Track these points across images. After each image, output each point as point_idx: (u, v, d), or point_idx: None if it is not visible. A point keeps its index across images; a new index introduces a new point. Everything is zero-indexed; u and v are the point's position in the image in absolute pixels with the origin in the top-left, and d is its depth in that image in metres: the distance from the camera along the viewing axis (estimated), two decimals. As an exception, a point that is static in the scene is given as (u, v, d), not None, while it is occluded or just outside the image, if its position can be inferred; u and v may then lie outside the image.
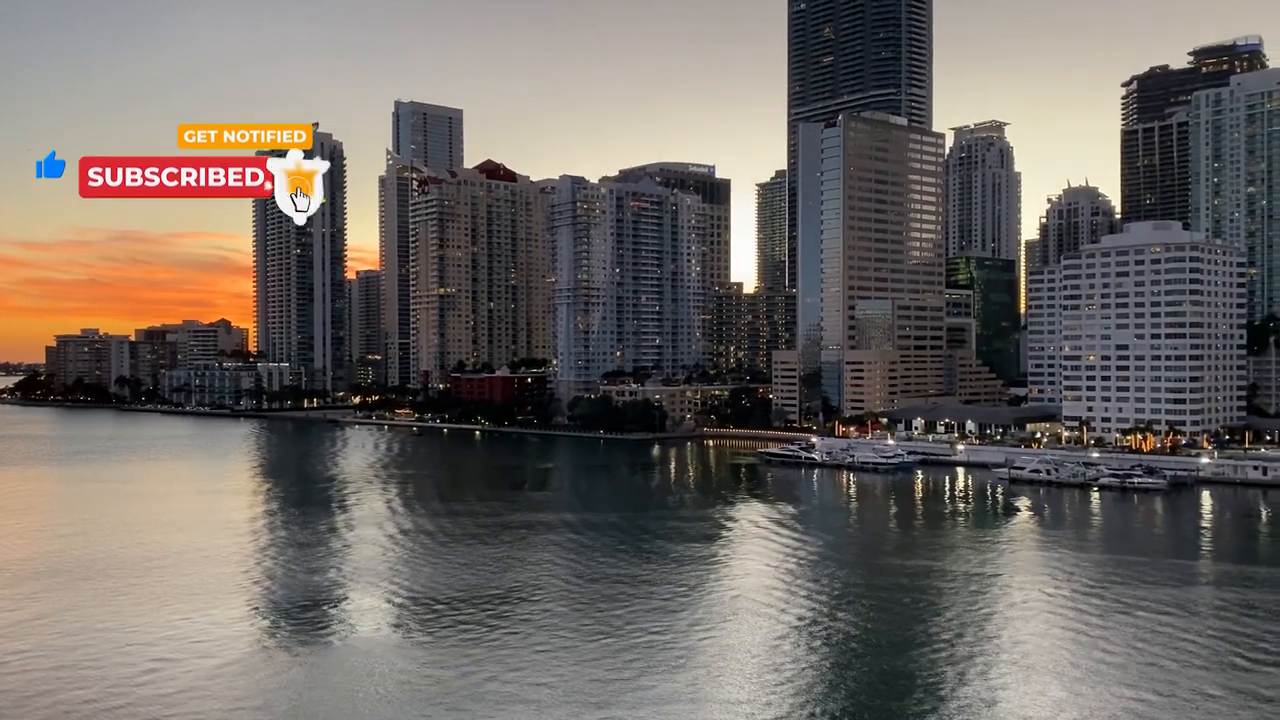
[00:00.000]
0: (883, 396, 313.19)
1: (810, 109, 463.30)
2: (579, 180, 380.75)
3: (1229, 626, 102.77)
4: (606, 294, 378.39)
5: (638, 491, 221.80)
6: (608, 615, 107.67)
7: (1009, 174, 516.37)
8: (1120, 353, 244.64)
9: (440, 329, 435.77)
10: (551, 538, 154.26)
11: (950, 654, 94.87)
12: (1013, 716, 79.29)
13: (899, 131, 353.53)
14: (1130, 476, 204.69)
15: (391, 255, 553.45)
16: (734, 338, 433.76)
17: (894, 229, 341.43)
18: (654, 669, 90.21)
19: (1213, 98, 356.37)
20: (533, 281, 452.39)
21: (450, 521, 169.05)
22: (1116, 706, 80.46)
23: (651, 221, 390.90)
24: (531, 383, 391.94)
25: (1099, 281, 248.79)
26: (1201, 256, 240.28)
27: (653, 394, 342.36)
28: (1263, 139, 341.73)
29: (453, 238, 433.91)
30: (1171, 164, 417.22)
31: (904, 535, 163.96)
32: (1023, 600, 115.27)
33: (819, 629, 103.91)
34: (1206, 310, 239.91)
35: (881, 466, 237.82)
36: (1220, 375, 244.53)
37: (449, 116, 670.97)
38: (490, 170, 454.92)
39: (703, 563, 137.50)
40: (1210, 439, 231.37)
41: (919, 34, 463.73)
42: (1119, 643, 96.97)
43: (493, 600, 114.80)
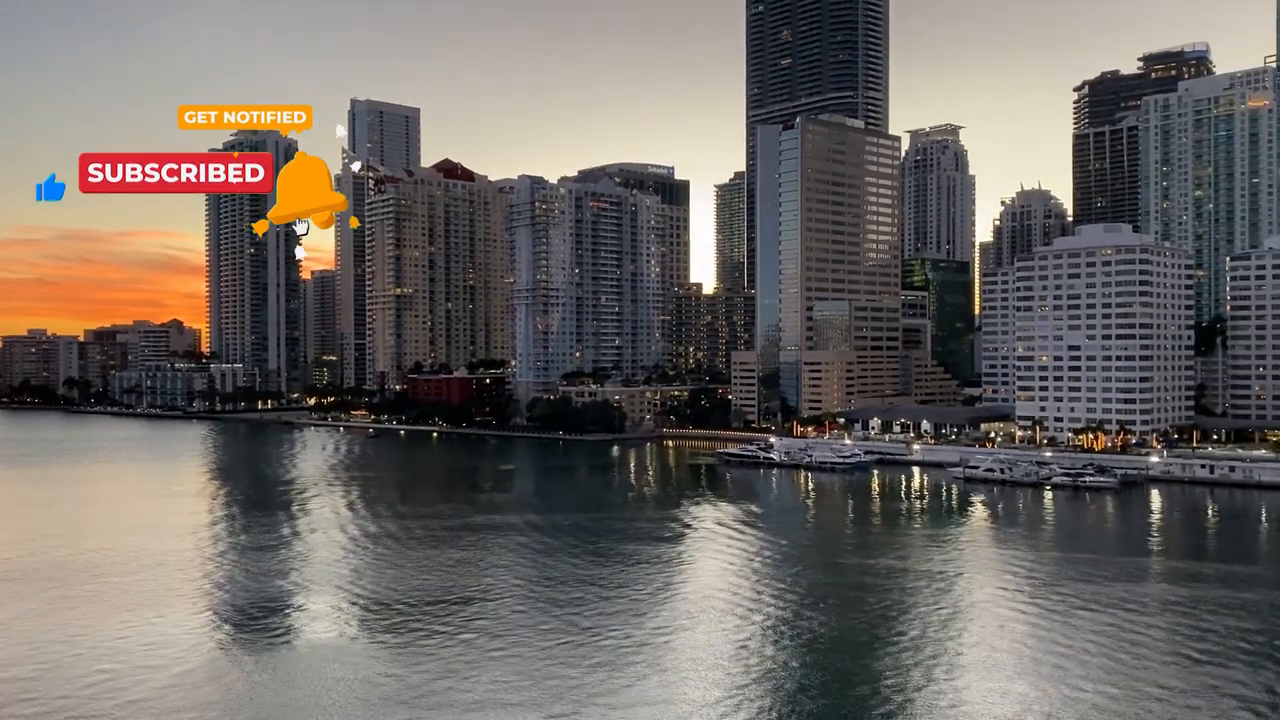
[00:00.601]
0: (840, 397, 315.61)
1: (768, 111, 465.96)
2: (538, 180, 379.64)
3: (1179, 621, 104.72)
4: (565, 294, 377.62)
5: (597, 492, 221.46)
6: (568, 617, 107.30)
7: (963, 177, 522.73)
8: (1072, 353, 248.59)
9: (397, 329, 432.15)
10: (511, 539, 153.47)
11: (910, 653, 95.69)
12: (973, 714, 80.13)
13: (856, 134, 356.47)
14: (1082, 475, 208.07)
15: (347, 255, 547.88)
16: (693, 338, 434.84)
17: (851, 231, 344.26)
18: (615, 671, 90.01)
19: (1161, 103, 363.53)
20: (491, 282, 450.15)
21: (408, 524, 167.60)
22: (1072, 703, 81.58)
23: (611, 222, 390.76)
24: (490, 384, 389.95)
25: (1051, 283, 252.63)
26: (1151, 259, 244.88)
27: (612, 395, 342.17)
28: (1209, 144, 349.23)
29: (409, 237, 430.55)
30: (1122, 168, 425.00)
31: (861, 535, 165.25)
32: (979, 598, 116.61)
33: (779, 629, 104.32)
34: (1156, 312, 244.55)
35: (839, 466, 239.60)
36: (1169, 376, 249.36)
37: (406, 115, 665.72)
38: (448, 169, 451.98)
39: (662, 564, 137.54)
40: (1160, 438, 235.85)
41: (875, 37, 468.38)
42: (1073, 639, 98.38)
43: (452, 603, 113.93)
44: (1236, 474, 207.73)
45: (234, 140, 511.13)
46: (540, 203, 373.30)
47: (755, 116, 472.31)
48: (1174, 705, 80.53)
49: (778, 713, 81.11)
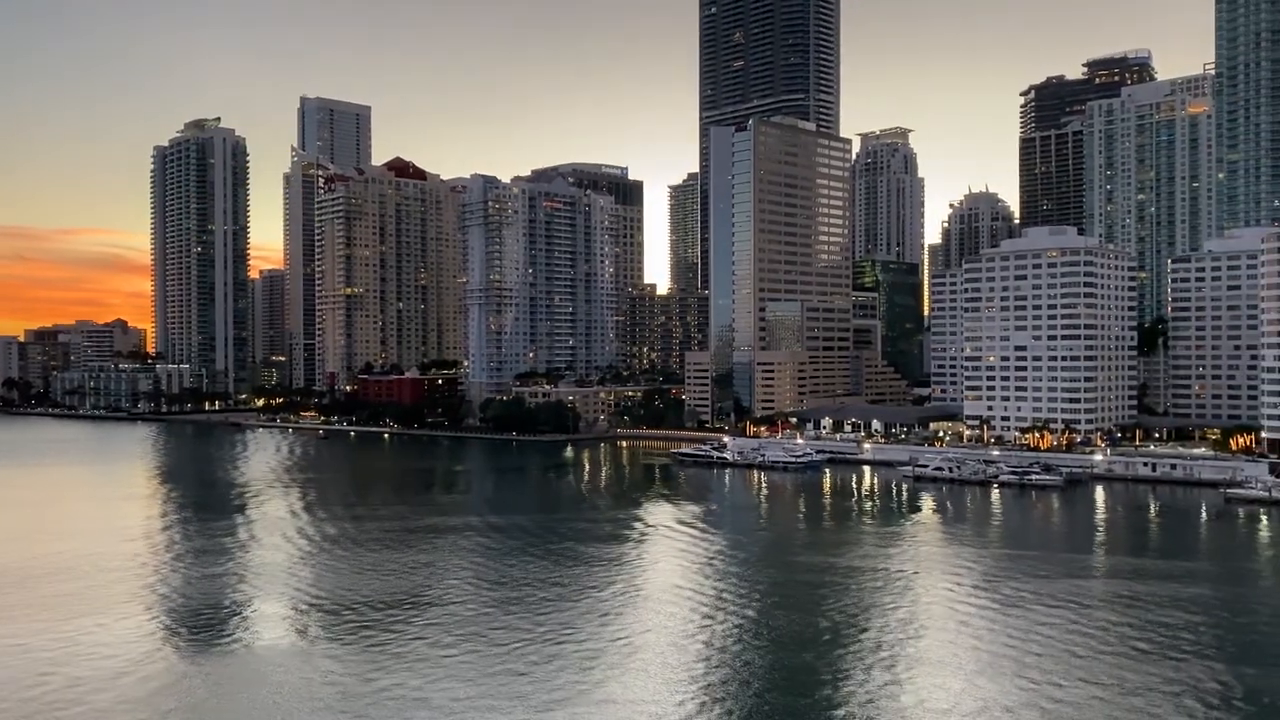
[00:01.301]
0: (792, 397, 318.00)
1: (721, 112, 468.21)
2: (490, 179, 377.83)
3: (1125, 616, 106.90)
4: (519, 294, 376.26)
5: (550, 493, 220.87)
6: (522, 619, 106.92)
7: (913, 179, 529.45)
8: (1019, 353, 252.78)
9: (347, 329, 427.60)
10: (462, 541, 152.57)
11: (859, 649, 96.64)
12: (920, 709, 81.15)
13: (807, 136, 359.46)
14: (1028, 474, 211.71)
15: (296, 254, 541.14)
16: (647, 339, 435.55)
17: (803, 232, 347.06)
18: (572, 672, 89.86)
19: (1105, 108, 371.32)
20: (443, 282, 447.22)
21: (357, 526, 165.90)
22: (1017, 697, 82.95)
23: (564, 222, 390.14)
24: (442, 384, 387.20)
25: (998, 284, 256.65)
26: (1095, 261, 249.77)
27: (566, 395, 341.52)
28: (1151, 148, 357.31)
29: (360, 236, 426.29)
30: (1067, 171, 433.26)
31: (814, 533, 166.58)
32: (932, 595, 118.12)
33: (731, 627, 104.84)
34: (1100, 313, 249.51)
35: (791, 465, 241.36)
36: (1113, 375, 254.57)
37: (356, 113, 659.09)
38: (399, 168, 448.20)
39: (616, 563, 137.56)
40: (1103, 437, 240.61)
41: (827, 41, 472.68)
42: (1024, 635, 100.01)
43: (402, 605, 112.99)
44: (1178, 471, 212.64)
45: (179, 137, 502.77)
46: (493, 202, 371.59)
47: (708, 118, 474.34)
48: (1124, 699, 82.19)
49: (737, 712, 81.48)
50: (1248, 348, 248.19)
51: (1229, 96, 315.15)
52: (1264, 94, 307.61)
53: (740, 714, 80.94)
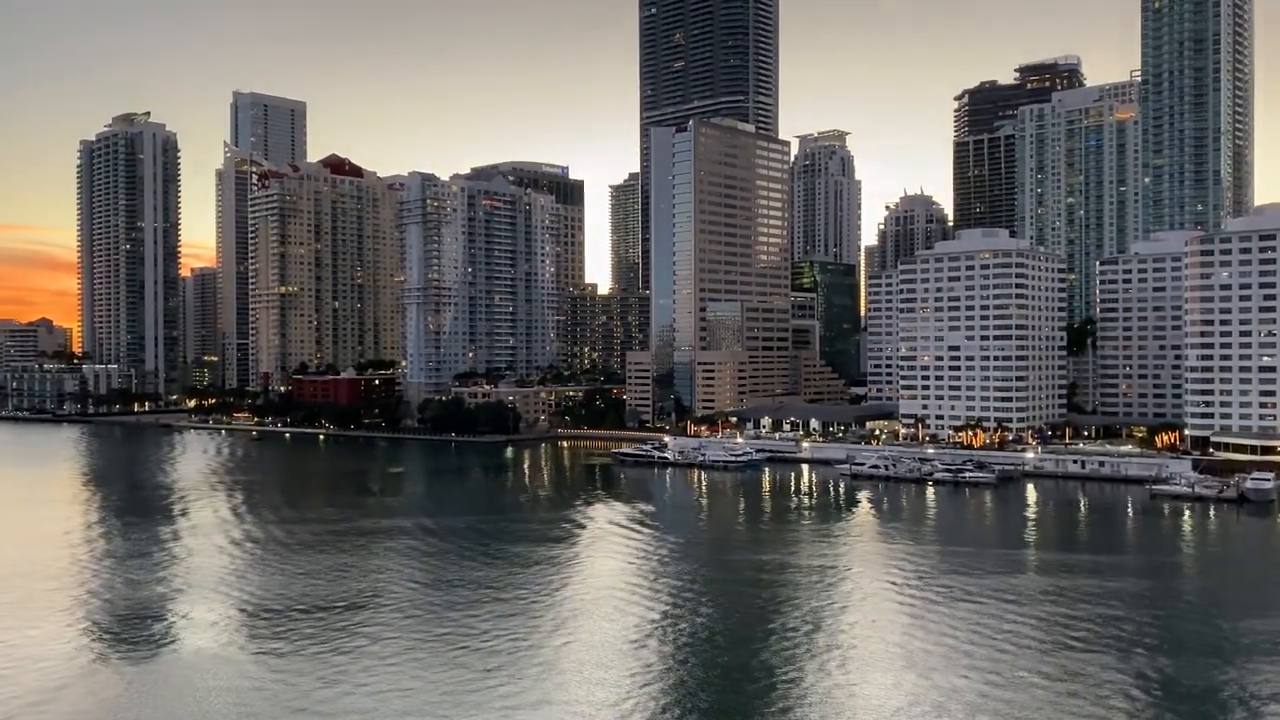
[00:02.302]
0: (733, 396, 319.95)
1: (662, 113, 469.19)
2: (429, 177, 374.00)
3: (1055, 611, 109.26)
4: (458, 294, 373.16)
5: (490, 494, 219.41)
6: (462, 621, 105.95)
7: (850, 182, 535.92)
8: (952, 353, 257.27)
9: (281, 329, 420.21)
10: (401, 543, 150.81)
11: (801, 647, 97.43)
12: (863, 707, 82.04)
13: (747, 138, 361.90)
14: (962, 471, 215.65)
15: (229, 252, 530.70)
16: (588, 339, 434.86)
17: (743, 233, 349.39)
18: (509, 673, 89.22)
19: (1036, 113, 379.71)
20: (380, 280, 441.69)
21: (292, 528, 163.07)
22: (957, 693, 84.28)
23: (504, 221, 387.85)
24: (379, 385, 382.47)
25: (933, 286, 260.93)
26: (1026, 263, 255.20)
27: (506, 395, 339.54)
28: (1081, 153, 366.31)
29: (295, 234, 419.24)
30: (1000, 174, 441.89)
31: (753, 531, 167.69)
32: (867, 592, 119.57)
33: (673, 626, 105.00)
34: (1031, 313, 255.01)
35: (731, 464, 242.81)
36: (1043, 375, 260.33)
37: (291, 109, 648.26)
38: (335, 165, 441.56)
39: (556, 564, 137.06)
40: (1034, 435, 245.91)
41: (765, 43, 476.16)
42: (956, 630, 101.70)
43: (339, 609, 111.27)
44: (1106, 469, 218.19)
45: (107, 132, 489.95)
46: (432, 200, 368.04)
47: (649, 118, 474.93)
48: (1053, 692, 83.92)
49: (675, 710, 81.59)
50: (1172, 348, 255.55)
51: (1154, 103, 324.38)
52: (1187, 101, 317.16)
53: (684, 715, 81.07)
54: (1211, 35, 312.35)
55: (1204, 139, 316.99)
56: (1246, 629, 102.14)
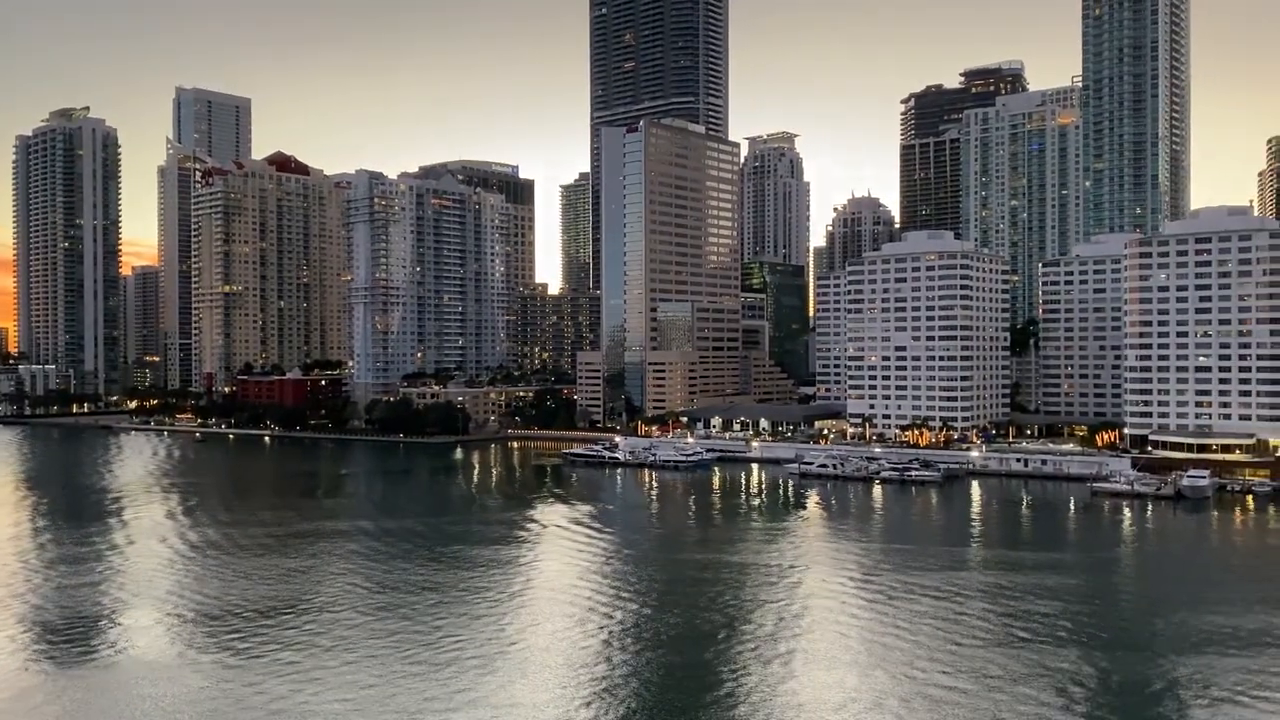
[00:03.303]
0: (683, 396, 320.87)
1: (613, 113, 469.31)
2: (376, 175, 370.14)
3: (1000, 606, 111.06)
4: (406, 293, 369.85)
5: (439, 496, 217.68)
6: (408, 624, 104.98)
7: (799, 183, 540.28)
8: (899, 353, 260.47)
9: (225, 329, 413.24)
10: (348, 546, 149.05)
11: (749, 645, 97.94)
12: (813, 705, 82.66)
13: (697, 139, 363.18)
14: (908, 470, 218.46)
15: (172, 250, 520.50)
16: (539, 339, 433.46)
17: (693, 234, 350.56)
18: (459, 677, 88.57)
19: (980, 117, 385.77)
20: (326, 280, 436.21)
21: (236, 531, 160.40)
22: (906, 689, 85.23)
23: (453, 220, 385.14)
24: (326, 385, 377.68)
25: (880, 287, 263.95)
26: (971, 264, 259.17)
27: (455, 396, 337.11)
28: (1024, 156, 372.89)
29: (239, 232, 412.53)
30: (945, 177, 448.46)
31: (703, 530, 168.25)
32: (816, 590, 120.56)
33: (624, 626, 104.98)
34: (975, 314, 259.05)
35: (682, 464, 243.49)
36: (987, 374, 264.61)
37: (236, 105, 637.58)
38: (280, 162, 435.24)
39: (508, 566, 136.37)
40: (979, 434, 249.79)
41: (715, 45, 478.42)
42: (904, 627, 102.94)
43: (286, 614, 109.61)
44: (1048, 467, 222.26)
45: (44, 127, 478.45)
46: (379, 199, 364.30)
47: (599, 118, 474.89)
48: (1002, 687, 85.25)
49: (625, 709, 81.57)
50: (1112, 348, 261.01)
51: (1094, 109, 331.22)
52: (1126, 107, 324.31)
53: (635, 714, 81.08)
54: (1149, 42, 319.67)
55: (1142, 144, 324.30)
56: (1181, 623, 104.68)
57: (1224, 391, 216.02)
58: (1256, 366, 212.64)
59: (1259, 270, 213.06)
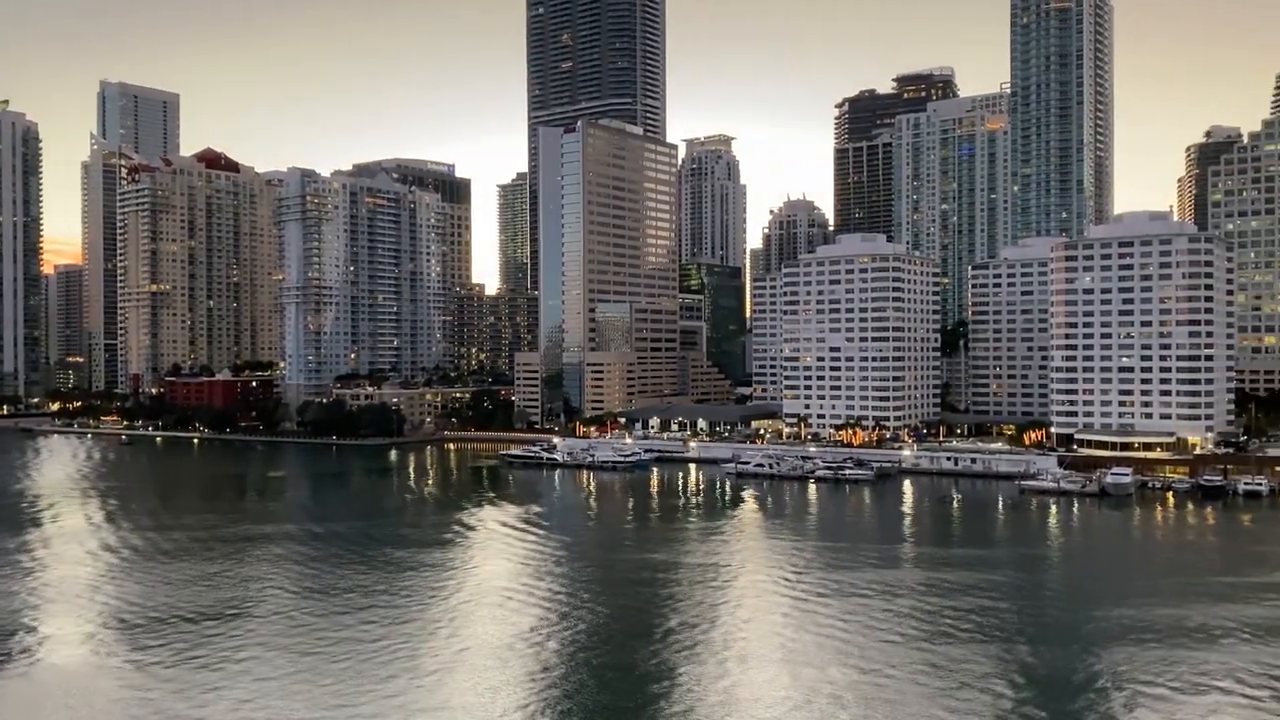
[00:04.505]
0: (621, 397, 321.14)
1: (550, 113, 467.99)
2: (309, 173, 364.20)
3: (930, 604, 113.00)
4: (339, 293, 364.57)
5: (373, 498, 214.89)
6: (341, 628, 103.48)
7: (735, 186, 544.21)
8: (833, 354, 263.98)
9: (152, 329, 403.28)
10: (279, 550, 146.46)
11: (687, 645, 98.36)
12: (742, 702, 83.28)
13: (635, 140, 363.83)
14: (842, 469, 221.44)
15: (96, 248, 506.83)
16: (475, 339, 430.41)
17: (631, 234, 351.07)
18: (394, 682, 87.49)
19: (912, 122, 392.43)
20: (258, 279, 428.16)
21: (163, 536, 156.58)
22: (841, 686, 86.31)
23: (388, 219, 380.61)
24: (257, 386, 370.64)
25: (814, 288, 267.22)
26: (903, 267, 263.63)
27: (390, 397, 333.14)
28: (954, 161, 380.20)
29: (167, 230, 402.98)
30: (878, 181, 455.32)
31: (641, 531, 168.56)
32: (750, 589, 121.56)
33: (562, 627, 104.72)
34: (907, 316, 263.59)
35: (620, 465, 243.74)
36: (919, 375, 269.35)
37: (163, 100, 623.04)
38: (210, 159, 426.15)
39: (444, 568, 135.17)
40: (910, 433, 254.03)
41: (653, 46, 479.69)
42: (838, 624, 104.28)
43: (212, 620, 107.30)
44: (977, 465, 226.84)
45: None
46: (312, 197, 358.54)
47: (537, 118, 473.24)
48: (939, 682, 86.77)
49: (565, 710, 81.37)
50: (1039, 349, 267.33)
51: (1022, 115, 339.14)
52: (1053, 113, 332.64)
53: (574, 715, 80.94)
54: (1075, 51, 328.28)
55: (1068, 150, 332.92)
56: (1106, 617, 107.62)
57: (1145, 391, 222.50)
58: (1176, 367, 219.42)
59: (1178, 273, 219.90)
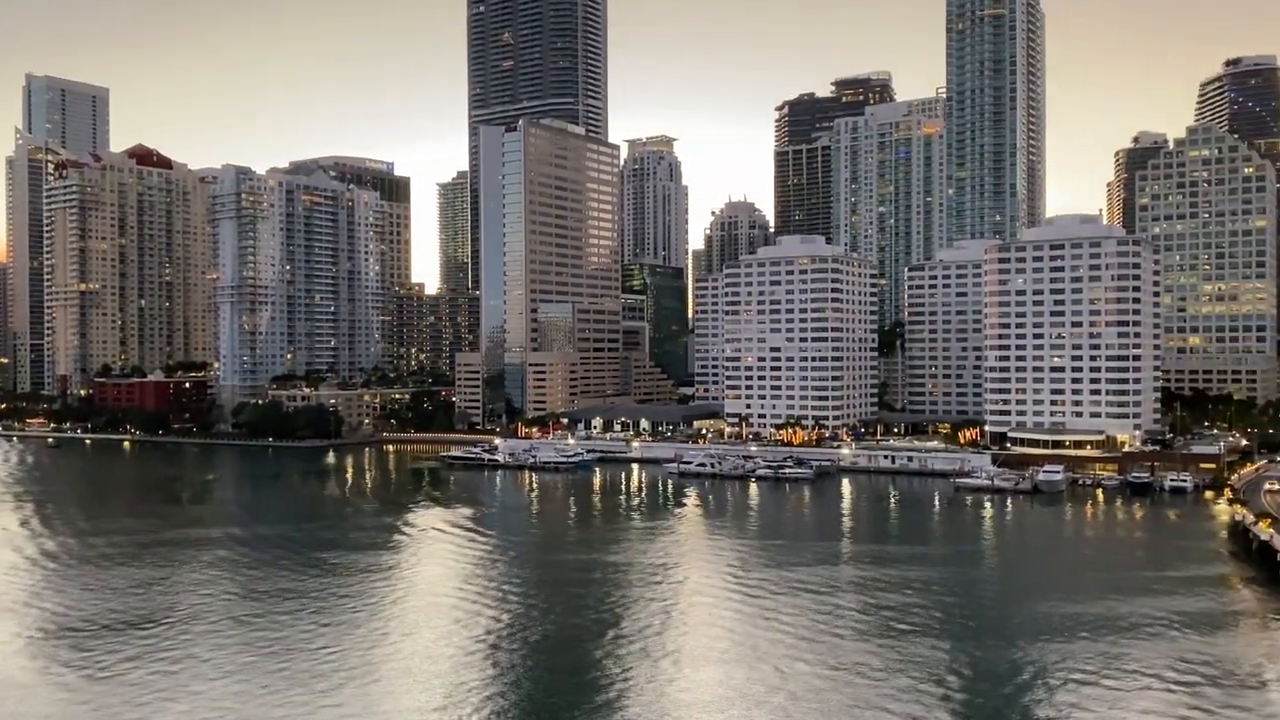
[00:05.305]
0: (564, 397, 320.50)
1: (491, 112, 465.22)
2: (244, 170, 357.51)
3: (866, 600, 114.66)
4: (275, 292, 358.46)
5: (310, 501, 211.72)
6: (276, 633, 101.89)
7: (678, 187, 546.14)
8: (774, 354, 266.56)
9: (81, 329, 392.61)
10: (214, 554, 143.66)
11: (629, 645, 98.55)
12: (686, 703, 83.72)
13: (577, 140, 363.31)
14: (783, 467, 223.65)
15: (21, 246, 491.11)
16: (415, 339, 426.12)
17: (574, 234, 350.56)
18: (338, 689, 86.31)
19: (850, 125, 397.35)
20: (191, 278, 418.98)
21: (93, 540, 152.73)
22: (780, 684, 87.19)
23: (326, 217, 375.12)
24: (190, 388, 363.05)
25: (755, 290, 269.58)
26: (841, 268, 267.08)
27: (327, 398, 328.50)
28: (891, 164, 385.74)
29: (96, 228, 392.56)
30: (817, 183, 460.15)
31: (582, 531, 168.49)
32: (692, 588, 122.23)
33: (500, 628, 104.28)
34: (846, 316, 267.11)
35: (562, 466, 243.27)
36: (857, 375, 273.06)
37: (92, 95, 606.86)
38: (141, 155, 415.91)
39: (383, 571, 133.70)
40: (849, 432, 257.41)
41: (594, 47, 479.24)
42: (778, 622, 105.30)
43: (147, 625, 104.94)
44: (914, 463, 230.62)
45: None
46: (247, 194, 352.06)
47: (478, 117, 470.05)
48: (875, 679, 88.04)
49: (507, 713, 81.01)
50: (973, 349, 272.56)
51: (958, 119, 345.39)
52: (987, 118, 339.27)
53: (509, 714, 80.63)
54: (1008, 57, 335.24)
55: (1002, 154, 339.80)
56: (1039, 611, 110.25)
57: (1076, 390, 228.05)
58: (1105, 367, 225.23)
59: (1107, 275, 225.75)
